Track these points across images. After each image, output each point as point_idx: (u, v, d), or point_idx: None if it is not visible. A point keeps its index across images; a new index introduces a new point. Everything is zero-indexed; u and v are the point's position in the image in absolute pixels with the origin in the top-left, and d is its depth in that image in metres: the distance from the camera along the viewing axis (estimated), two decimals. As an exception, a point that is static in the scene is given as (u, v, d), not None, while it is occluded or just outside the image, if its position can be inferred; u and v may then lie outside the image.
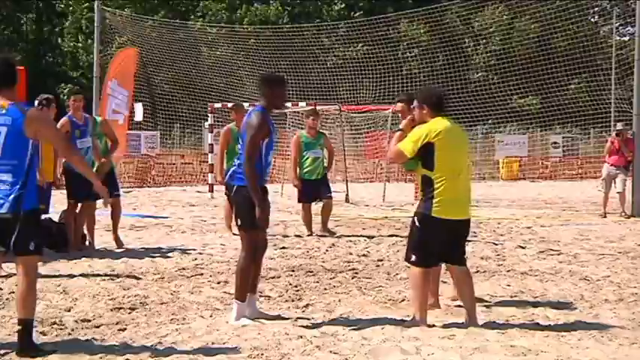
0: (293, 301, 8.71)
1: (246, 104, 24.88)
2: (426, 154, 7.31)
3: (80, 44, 50.18)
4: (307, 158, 14.46)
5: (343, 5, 50.33)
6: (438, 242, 7.41)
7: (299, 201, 14.63)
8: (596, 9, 41.75)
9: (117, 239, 12.50)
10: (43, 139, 6.49)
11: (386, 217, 17.80)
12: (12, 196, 6.23)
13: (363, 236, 14.32)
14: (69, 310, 8.02)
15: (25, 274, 6.31)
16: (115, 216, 12.59)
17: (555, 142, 41.06)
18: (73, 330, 7.23)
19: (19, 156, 6.28)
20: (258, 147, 7.46)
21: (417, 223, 7.48)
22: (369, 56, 37.48)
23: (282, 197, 22.65)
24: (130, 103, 23.84)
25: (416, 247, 7.50)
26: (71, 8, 51.94)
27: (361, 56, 38.56)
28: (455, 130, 7.52)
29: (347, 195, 22.24)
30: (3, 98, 6.36)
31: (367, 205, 21.39)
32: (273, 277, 10.10)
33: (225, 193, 8.14)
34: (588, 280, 10.11)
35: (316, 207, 14.76)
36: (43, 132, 6.35)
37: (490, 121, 38.17)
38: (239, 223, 7.56)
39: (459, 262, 7.62)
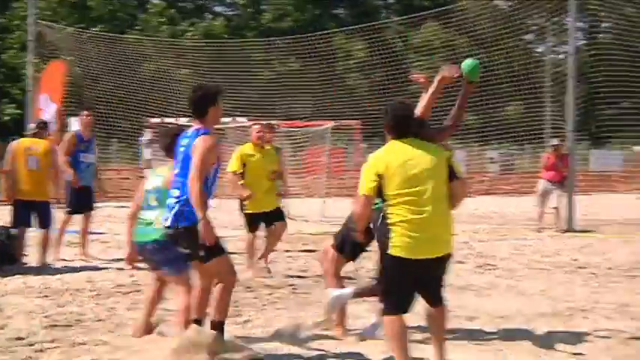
0: (232, 317, 8.67)
1: (184, 120, 24.75)
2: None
3: (21, 60, 49.72)
4: None
5: (272, 19, 50.65)
6: (403, 284, 6.36)
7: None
8: (532, 28, 42.33)
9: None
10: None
11: (325, 233, 17.81)
12: (174, 210, 6.67)
13: (303, 252, 14.32)
14: (2, 328, 7.88)
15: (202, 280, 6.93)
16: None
17: (492, 158, 41.52)
18: (6, 348, 7.10)
19: (187, 175, 6.62)
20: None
21: (380, 264, 6.53)
22: (306, 71, 37.56)
23: (221, 213, 22.49)
24: (58, 117, 23.58)
25: (382, 293, 6.53)
26: (17, 22, 51.41)
27: (298, 71, 38.61)
28: (409, 153, 6.33)
29: (286, 210, 22.18)
30: (197, 123, 6.82)
31: (307, 221, 21.40)
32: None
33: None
34: (524, 294, 10.22)
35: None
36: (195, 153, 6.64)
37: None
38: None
39: (433, 303, 6.55)
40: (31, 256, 12.98)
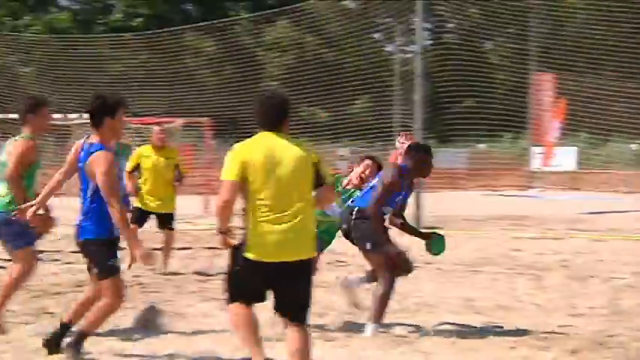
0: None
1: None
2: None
3: None
4: None
5: (122, 15, 50.18)
6: (252, 286, 5.97)
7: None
8: (380, 27, 43.06)
9: None
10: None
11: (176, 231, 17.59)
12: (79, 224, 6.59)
13: (154, 249, 14.07)
14: None
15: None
16: None
17: (342, 155, 42.01)
18: None
19: (85, 190, 6.52)
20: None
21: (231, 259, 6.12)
22: (156, 67, 37.13)
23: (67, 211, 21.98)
24: None
25: (226, 284, 6.15)
26: None
27: (148, 67, 38.14)
28: (277, 148, 5.89)
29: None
30: (95, 135, 6.56)
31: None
32: (58, 293, 9.79)
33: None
34: (373, 290, 10.33)
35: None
36: (96, 174, 6.38)
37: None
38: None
39: (293, 320, 6.00)
40: None
